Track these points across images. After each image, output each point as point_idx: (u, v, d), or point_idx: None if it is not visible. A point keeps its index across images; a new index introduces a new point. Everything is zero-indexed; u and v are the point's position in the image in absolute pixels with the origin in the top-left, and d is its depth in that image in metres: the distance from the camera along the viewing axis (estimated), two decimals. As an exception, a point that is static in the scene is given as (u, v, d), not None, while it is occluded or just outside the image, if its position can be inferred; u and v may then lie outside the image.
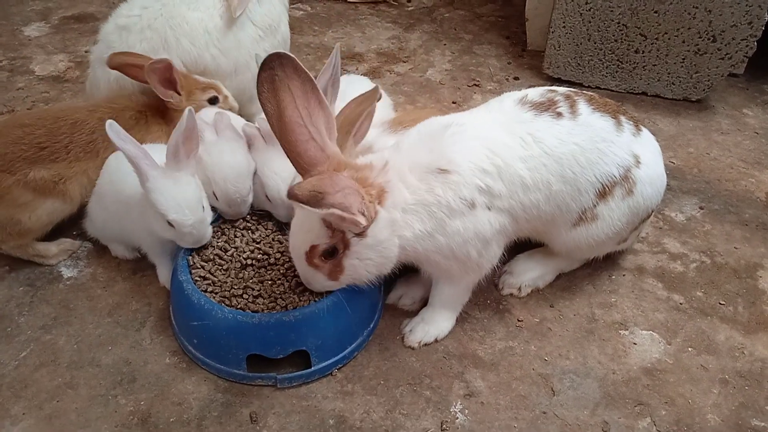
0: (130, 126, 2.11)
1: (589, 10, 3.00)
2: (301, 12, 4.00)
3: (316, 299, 1.79)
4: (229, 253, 1.94)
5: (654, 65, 3.08)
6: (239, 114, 2.43)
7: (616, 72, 3.16)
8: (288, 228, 1.76)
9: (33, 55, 3.39)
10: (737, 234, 2.36)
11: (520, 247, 2.06)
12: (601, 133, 1.83)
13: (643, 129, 1.99)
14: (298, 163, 1.58)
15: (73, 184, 2.06)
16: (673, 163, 2.73)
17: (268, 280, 1.86)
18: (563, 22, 3.08)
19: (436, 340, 1.92)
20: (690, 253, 2.27)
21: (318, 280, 1.73)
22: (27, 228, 2.03)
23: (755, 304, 2.08)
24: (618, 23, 2.99)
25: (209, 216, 1.91)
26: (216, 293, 1.81)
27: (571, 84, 3.19)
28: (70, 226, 2.21)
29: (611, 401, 1.78)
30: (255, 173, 2.03)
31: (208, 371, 1.82)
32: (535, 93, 1.88)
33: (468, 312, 2.00)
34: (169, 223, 1.80)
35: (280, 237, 2.00)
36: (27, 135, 2.00)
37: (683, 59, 3.01)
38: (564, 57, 3.18)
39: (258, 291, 1.83)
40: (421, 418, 1.72)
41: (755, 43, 2.87)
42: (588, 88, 3.17)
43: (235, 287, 1.83)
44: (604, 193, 1.84)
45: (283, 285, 1.84)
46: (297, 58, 1.52)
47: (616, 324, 2.00)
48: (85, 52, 3.36)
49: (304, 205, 1.44)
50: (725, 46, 2.91)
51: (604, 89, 3.19)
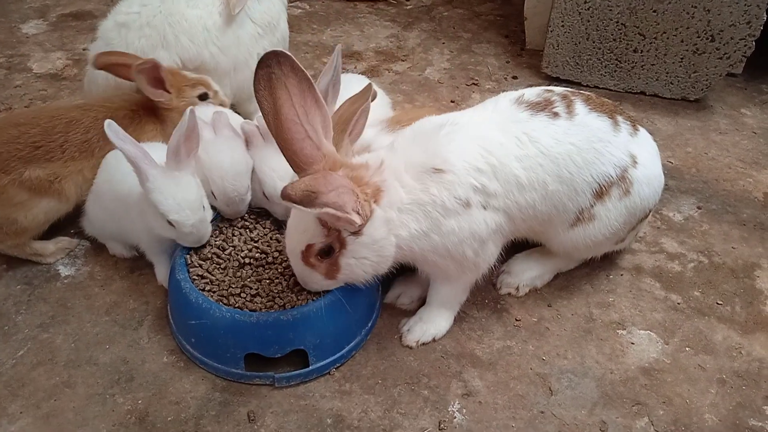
0: (124, 125, 2.08)
1: (588, 9, 3.00)
2: (300, 10, 4.00)
3: (314, 298, 1.79)
4: (227, 251, 1.94)
5: (652, 65, 3.08)
6: (237, 112, 2.43)
7: (615, 71, 3.16)
8: (286, 227, 1.76)
9: (31, 53, 3.38)
10: (735, 234, 2.36)
11: (518, 246, 2.06)
12: (598, 133, 1.83)
13: (640, 129, 1.98)
14: (294, 161, 1.57)
15: (68, 183, 2.05)
16: (671, 163, 2.73)
17: (266, 279, 1.86)
18: (562, 21, 3.07)
19: (434, 340, 1.92)
20: (688, 253, 2.28)
21: (314, 279, 1.73)
22: (23, 227, 2.02)
23: (753, 304, 2.09)
24: (617, 22, 2.99)
25: (209, 215, 1.91)
26: (214, 292, 1.81)
27: (570, 83, 3.19)
28: (68, 224, 2.21)
29: (609, 401, 1.78)
30: (253, 171, 2.03)
31: (206, 370, 1.82)
32: (532, 93, 1.88)
33: (466, 311, 2.00)
34: (169, 222, 1.80)
35: (278, 236, 2.00)
36: (22, 134, 1.99)
37: (682, 59, 3.01)
38: (563, 56, 3.18)
39: (256, 290, 1.82)
40: (419, 418, 1.72)
41: (753, 43, 2.88)
42: (586, 87, 3.17)
43: (233, 286, 1.83)
44: (601, 194, 1.84)
45: (281, 284, 1.84)
46: (294, 57, 1.52)
47: (613, 324, 2.01)
48: (83, 49, 3.35)
49: (297, 205, 1.44)
50: (724, 45, 2.91)
51: (602, 88, 3.19)
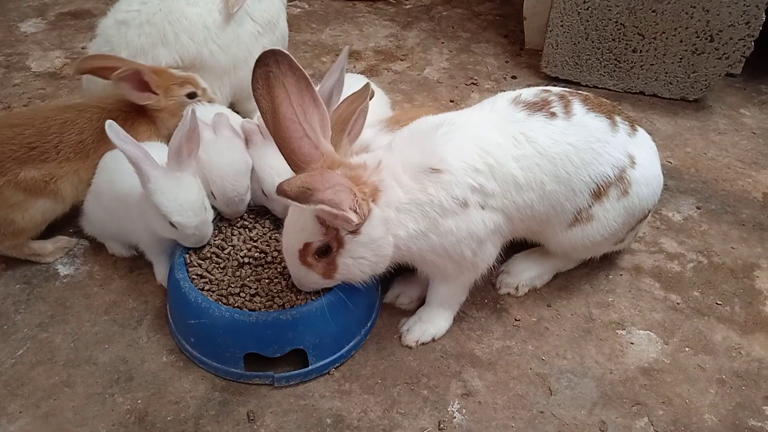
0: (120, 126, 2.10)
1: (587, 9, 3.00)
2: (299, 9, 3.99)
3: (314, 298, 1.78)
4: (226, 251, 1.94)
5: (651, 65, 3.08)
6: (237, 111, 2.43)
7: (614, 71, 3.16)
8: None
9: (29, 52, 3.37)
10: (734, 234, 2.37)
11: (518, 246, 2.06)
12: (596, 134, 1.83)
13: (639, 129, 1.98)
14: (292, 160, 1.57)
15: (64, 183, 2.04)
16: (671, 163, 2.73)
17: (265, 279, 1.85)
18: (561, 21, 3.07)
19: (433, 340, 1.92)
20: (687, 253, 2.28)
21: (311, 279, 1.73)
22: (21, 228, 2.02)
23: (752, 304, 2.09)
24: (616, 22, 3.00)
25: (211, 216, 1.91)
26: (213, 291, 1.81)
27: (569, 83, 3.19)
28: (66, 223, 2.20)
29: (608, 401, 1.78)
30: (252, 170, 2.03)
31: (205, 370, 1.81)
32: (529, 93, 1.88)
33: (465, 311, 2.00)
34: (171, 224, 1.80)
35: (277, 235, 1.99)
36: (17, 135, 1.98)
37: (681, 59, 3.02)
38: (562, 56, 3.18)
39: (255, 289, 1.82)
40: (419, 418, 1.72)
41: (752, 43, 2.88)
42: (585, 87, 3.17)
43: (233, 285, 1.83)
44: (599, 194, 1.84)
45: (280, 283, 1.84)
46: (293, 56, 1.52)
47: (613, 324, 2.01)
48: (82, 48, 3.34)
49: (292, 201, 1.43)
50: (723, 45, 2.92)
51: (601, 88, 3.19)
